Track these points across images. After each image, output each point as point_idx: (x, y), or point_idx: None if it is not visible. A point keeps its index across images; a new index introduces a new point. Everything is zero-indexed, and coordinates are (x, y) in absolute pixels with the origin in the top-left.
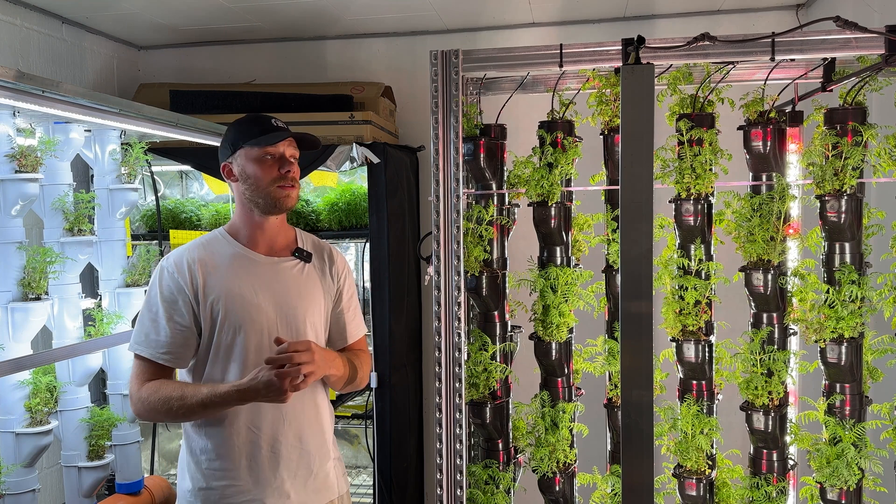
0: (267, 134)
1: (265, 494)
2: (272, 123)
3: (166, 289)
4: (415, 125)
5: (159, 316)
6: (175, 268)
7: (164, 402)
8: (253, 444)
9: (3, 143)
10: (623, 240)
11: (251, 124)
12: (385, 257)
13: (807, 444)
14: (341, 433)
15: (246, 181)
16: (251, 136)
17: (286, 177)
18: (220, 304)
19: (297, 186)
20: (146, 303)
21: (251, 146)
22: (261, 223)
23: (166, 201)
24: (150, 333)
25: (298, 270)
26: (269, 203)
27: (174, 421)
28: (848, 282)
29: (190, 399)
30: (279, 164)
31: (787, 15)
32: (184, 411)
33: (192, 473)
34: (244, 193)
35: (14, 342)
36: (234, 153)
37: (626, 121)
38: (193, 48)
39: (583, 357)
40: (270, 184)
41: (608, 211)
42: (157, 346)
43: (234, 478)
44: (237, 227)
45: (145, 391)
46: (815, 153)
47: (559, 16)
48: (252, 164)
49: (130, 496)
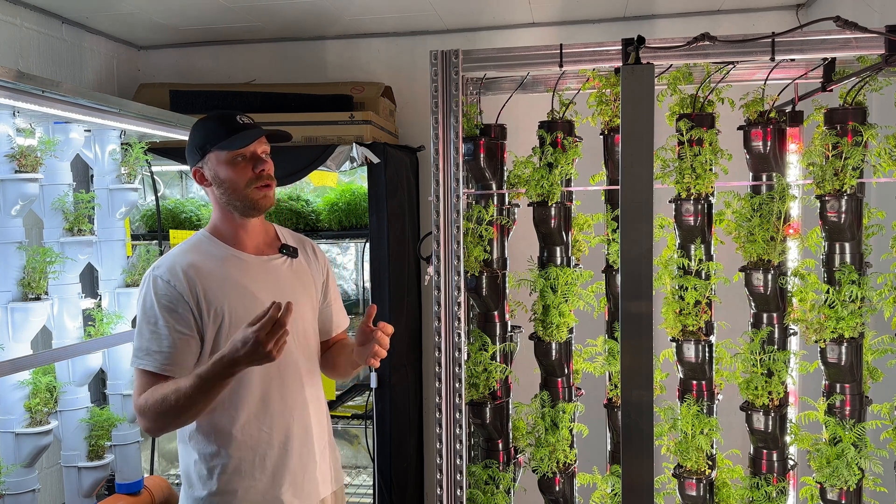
0: (236, 134)
1: (281, 491)
2: (239, 122)
3: (164, 298)
4: (415, 125)
5: (160, 326)
6: (170, 276)
7: (162, 401)
8: (266, 443)
9: (3, 143)
10: (623, 240)
11: (218, 125)
12: (385, 257)
13: (807, 444)
14: (341, 433)
15: (220, 185)
16: (220, 139)
17: (261, 176)
18: (224, 309)
19: (273, 183)
20: (143, 315)
21: (220, 149)
22: (243, 224)
23: (166, 201)
24: (153, 346)
25: (288, 267)
26: (248, 205)
27: (180, 418)
28: (848, 282)
29: (184, 387)
30: (252, 164)
31: (787, 15)
32: (183, 402)
33: (203, 480)
34: (220, 198)
35: (14, 342)
36: (204, 157)
37: (626, 121)
38: (193, 48)
39: (583, 357)
40: (246, 186)
41: (608, 211)
42: (161, 358)
43: (251, 478)
44: (220, 230)
45: (143, 400)
46: (815, 153)
47: (559, 16)
48: (224, 167)
49: (130, 496)
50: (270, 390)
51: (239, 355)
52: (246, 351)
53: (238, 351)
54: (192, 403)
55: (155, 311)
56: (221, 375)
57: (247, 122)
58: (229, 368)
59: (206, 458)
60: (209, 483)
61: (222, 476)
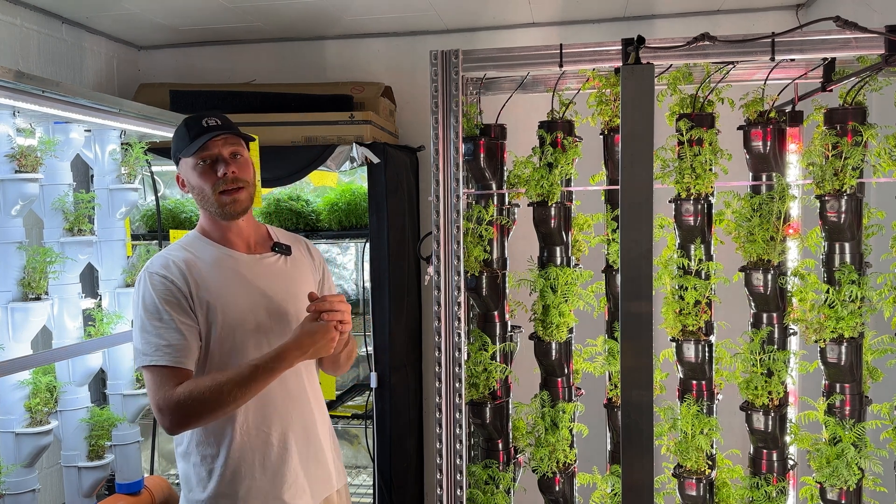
0: (197, 139)
1: (282, 491)
2: (203, 125)
3: (164, 292)
4: (415, 125)
5: (166, 321)
6: (165, 271)
7: (208, 392)
8: (265, 443)
9: (3, 143)
10: (623, 240)
11: (185, 131)
12: (385, 257)
13: (807, 444)
14: (341, 433)
15: (193, 191)
16: (184, 144)
17: (226, 179)
18: (215, 306)
19: (246, 186)
20: (144, 313)
21: (185, 155)
22: (228, 226)
23: (166, 201)
24: (161, 341)
25: (282, 265)
26: (219, 211)
27: (222, 408)
28: (848, 282)
29: (236, 374)
30: (214, 167)
31: (787, 15)
32: (236, 392)
33: (203, 483)
34: (198, 203)
35: (14, 342)
36: (178, 164)
37: (626, 121)
38: (193, 48)
39: (583, 357)
40: (213, 191)
41: (608, 211)
42: (173, 351)
43: (252, 478)
44: (208, 230)
45: (180, 393)
46: (815, 153)
47: (559, 16)
48: (192, 173)
49: (130, 496)
50: (270, 389)
51: (306, 343)
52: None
53: (305, 338)
54: (244, 393)
55: (158, 307)
56: (284, 360)
57: (212, 125)
58: (296, 350)
59: (206, 459)
60: (209, 485)
61: (222, 477)
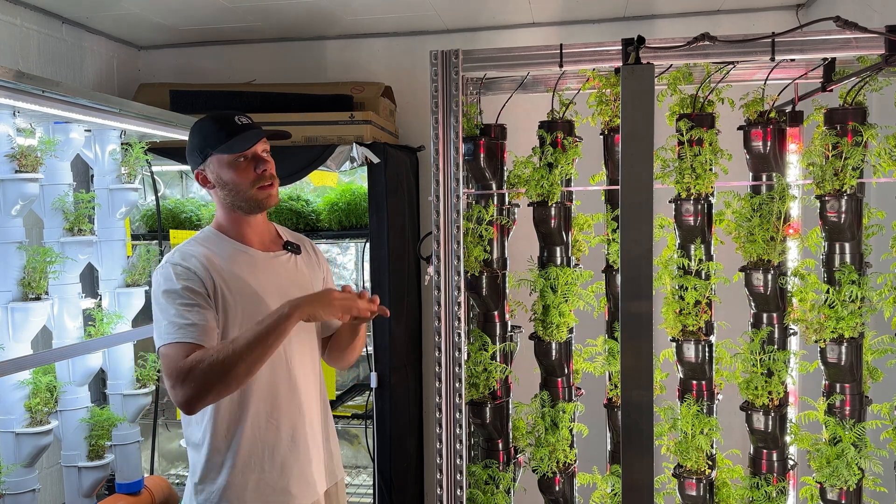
0: (236, 136)
1: (290, 483)
2: (238, 123)
3: (187, 280)
4: (415, 125)
5: (189, 303)
6: (185, 261)
7: (221, 351)
8: (275, 436)
9: (3, 143)
10: (623, 240)
11: (217, 128)
12: (385, 257)
13: (807, 444)
14: (341, 433)
15: (224, 187)
16: (220, 142)
17: (264, 176)
18: (234, 300)
19: (276, 182)
20: (167, 297)
21: (222, 153)
22: (248, 221)
23: (166, 201)
24: (184, 320)
25: (293, 263)
26: (253, 205)
27: (234, 367)
28: (848, 282)
29: (243, 337)
30: (254, 165)
31: (787, 15)
32: (243, 344)
33: (213, 475)
34: (224, 199)
35: (14, 342)
36: (205, 160)
37: (626, 121)
38: (193, 48)
39: (583, 357)
40: (250, 187)
41: (608, 211)
42: (196, 330)
43: (261, 470)
44: (225, 227)
45: (193, 357)
46: (815, 153)
47: (559, 16)
48: (227, 170)
49: (130, 496)
50: (279, 383)
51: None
52: (318, 298)
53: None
54: (251, 350)
55: (181, 291)
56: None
57: (246, 123)
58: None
59: (219, 451)
60: (219, 477)
61: (233, 470)
